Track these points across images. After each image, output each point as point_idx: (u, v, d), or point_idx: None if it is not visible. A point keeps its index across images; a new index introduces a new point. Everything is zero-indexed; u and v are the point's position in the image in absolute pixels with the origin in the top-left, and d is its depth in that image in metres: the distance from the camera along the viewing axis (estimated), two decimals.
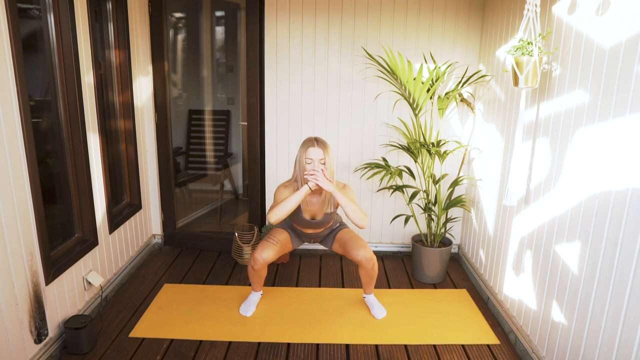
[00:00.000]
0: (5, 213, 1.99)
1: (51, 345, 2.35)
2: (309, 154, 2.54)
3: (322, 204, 2.69)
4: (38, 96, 2.59)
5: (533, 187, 2.41)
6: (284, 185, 2.66)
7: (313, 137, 2.60)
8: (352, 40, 3.41)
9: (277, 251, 2.70)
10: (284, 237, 2.79)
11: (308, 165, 2.55)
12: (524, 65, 2.13)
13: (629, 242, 1.67)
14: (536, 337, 2.36)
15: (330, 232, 2.85)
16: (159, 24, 3.43)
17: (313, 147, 2.55)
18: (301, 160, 2.58)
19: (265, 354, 2.47)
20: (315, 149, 2.54)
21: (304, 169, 2.56)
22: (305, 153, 2.56)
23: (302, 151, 2.59)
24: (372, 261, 2.66)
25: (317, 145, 2.55)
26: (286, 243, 2.80)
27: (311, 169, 2.53)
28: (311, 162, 2.54)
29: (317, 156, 2.54)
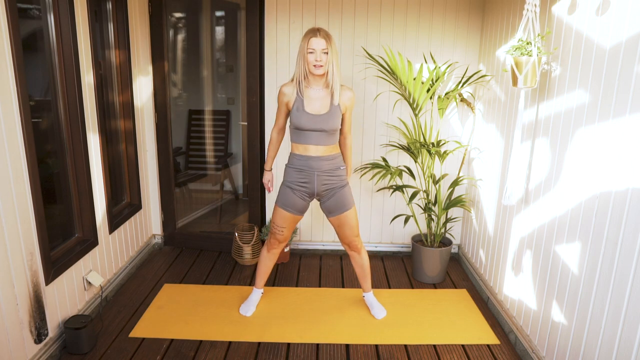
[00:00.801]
0: (5, 213, 1.99)
1: (51, 345, 2.35)
2: (311, 44, 2.38)
3: (326, 97, 2.51)
4: (38, 96, 2.59)
5: (533, 187, 2.41)
6: (286, 85, 2.54)
7: (316, 27, 2.43)
8: (352, 40, 3.41)
9: (287, 234, 2.72)
10: (286, 216, 2.65)
11: (310, 55, 2.40)
12: (523, 65, 2.13)
13: (629, 242, 1.67)
14: (536, 337, 2.36)
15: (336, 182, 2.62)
16: (159, 24, 3.43)
17: (315, 37, 2.38)
18: (303, 51, 2.42)
19: (265, 354, 2.47)
20: (317, 39, 2.38)
21: (307, 61, 2.42)
22: (307, 43, 2.39)
23: (303, 42, 2.41)
24: (359, 247, 2.74)
25: (320, 35, 2.38)
26: (291, 219, 2.67)
27: (314, 60, 2.40)
28: (313, 52, 2.39)
29: (319, 46, 2.38)
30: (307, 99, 2.50)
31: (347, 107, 2.56)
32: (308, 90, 2.51)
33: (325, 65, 2.42)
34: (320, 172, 2.57)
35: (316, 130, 2.50)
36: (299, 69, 2.47)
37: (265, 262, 2.82)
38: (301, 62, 2.45)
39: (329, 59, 2.42)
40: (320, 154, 2.55)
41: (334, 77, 2.46)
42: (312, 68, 2.42)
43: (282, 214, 2.65)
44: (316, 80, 2.49)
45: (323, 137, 2.52)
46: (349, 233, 2.67)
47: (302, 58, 2.44)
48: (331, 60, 2.42)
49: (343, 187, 2.63)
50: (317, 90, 2.51)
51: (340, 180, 2.63)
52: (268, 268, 2.85)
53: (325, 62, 2.41)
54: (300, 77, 2.49)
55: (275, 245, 2.76)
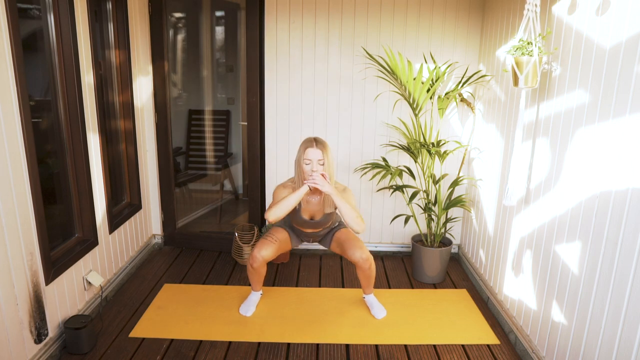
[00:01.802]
0: (5, 213, 1.99)
1: (51, 345, 2.35)
2: (308, 155, 2.53)
3: (321, 204, 2.68)
4: (38, 96, 2.59)
5: (533, 187, 2.41)
6: (283, 185, 2.66)
7: (312, 138, 2.57)
8: (352, 40, 3.41)
9: (275, 249, 2.69)
10: (283, 236, 2.79)
11: (306, 166, 2.53)
12: (523, 65, 2.13)
13: (629, 242, 1.67)
14: (536, 337, 2.36)
15: (329, 232, 2.84)
16: (159, 24, 3.43)
17: (312, 148, 2.52)
18: (300, 161, 2.57)
19: (265, 354, 2.47)
20: (313, 149, 2.52)
21: (303, 170, 2.55)
22: (303, 154, 2.54)
23: (300, 152, 2.57)
24: (369, 262, 2.66)
25: (316, 146, 2.52)
26: (285, 242, 2.80)
27: (310, 170, 2.52)
28: (310, 163, 2.53)
29: (315, 157, 2.52)
30: (304, 202, 2.69)
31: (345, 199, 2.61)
32: (305, 195, 2.64)
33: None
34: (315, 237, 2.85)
35: (311, 228, 2.76)
36: (297, 175, 2.61)
37: (253, 275, 2.79)
38: (298, 169, 2.59)
39: (325, 169, 2.53)
40: (317, 231, 2.80)
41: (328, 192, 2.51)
42: (308, 177, 2.53)
43: (282, 232, 2.80)
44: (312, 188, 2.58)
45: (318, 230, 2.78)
46: (354, 246, 2.66)
47: (299, 166, 2.58)
48: (327, 169, 2.54)
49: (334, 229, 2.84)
50: (313, 196, 2.68)
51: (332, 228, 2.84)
52: (260, 277, 2.82)
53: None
54: (299, 183, 2.60)
55: (258, 260, 2.64)
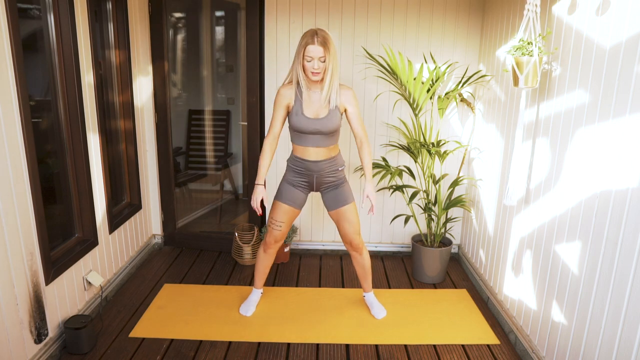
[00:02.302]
0: (5, 213, 1.99)
1: (51, 345, 2.35)
2: (308, 52, 2.30)
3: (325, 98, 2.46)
4: (38, 96, 2.59)
5: (533, 187, 2.41)
6: (284, 87, 2.50)
7: (314, 30, 2.32)
8: (352, 40, 3.41)
9: (285, 230, 2.69)
10: (286, 210, 2.65)
11: (308, 63, 2.33)
12: (524, 65, 2.13)
13: (629, 242, 1.67)
14: (536, 337, 2.36)
15: (335, 180, 2.64)
16: (159, 24, 3.43)
17: (312, 45, 2.29)
18: (299, 56, 2.35)
19: (265, 354, 2.47)
20: (315, 46, 2.29)
21: (304, 67, 2.37)
22: (304, 50, 2.32)
23: (300, 47, 2.34)
24: (360, 247, 2.70)
25: (317, 42, 2.29)
26: (291, 213, 2.68)
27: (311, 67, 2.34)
28: (311, 61, 2.32)
29: (317, 54, 2.30)
30: (305, 102, 2.48)
31: (346, 106, 2.52)
32: (307, 93, 2.47)
33: (322, 73, 2.37)
34: (319, 174, 2.60)
35: (315, 133, 2.49)
36: (296, 72, 2.42)
37: (262, 262, 2.82)
38: (299, 66, 2.39)
39: (326, 66, 2.36)
40: (320, 158, 2.56)
41: (332, 83, 2.41)
42: (310, 75, 2.38)
43: (282, 207, 2.64)
44: (314, 84, 2.46)
45: (322, 139, 2.52)
46: (348, 228, 2.65)
47: (299, 63, 2.38)
48: (328, 67, 2.36)
49: (342, 184, 2.65)
50: (315, 93, 2.48)
51: (339, 178, 2.65)
52: (266, 268, 2.84)
53: (323, 70, 2.36)
54: (298, 80, 2.46)
55: (272, 244, 2.74)
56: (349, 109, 2.54)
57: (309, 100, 2.48)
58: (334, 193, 2.64)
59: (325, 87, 2.42)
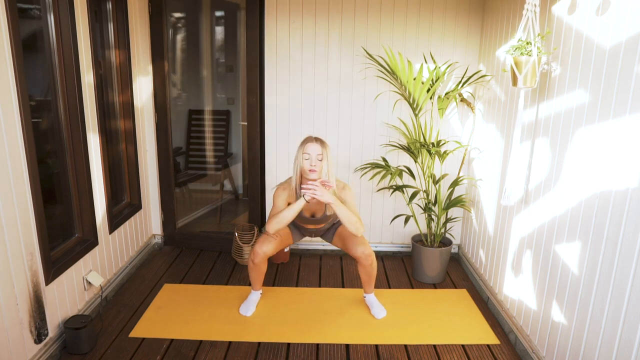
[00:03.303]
0: (5, 213, 1.99)
1: (51, 345, 2.35)
2: (307, 149, 2.54)
3: (322, 203, 2.68)
4: (38, 96, 2.59)
5: (533, 187, 2.41)
6: (282, 187, 2.66)
7: (312, 136, 2.60)
8: (352, 40, 3.41)
9: (277, 244, 2.71)
10: (284, 231, 2.80)
11: (306, 160, 2.54)
12: (522, 65, 2.13)
13: (629, 242, 1.67)
14: (536, 337, 2.36)
15: (331, 227, 2.86)
16: (159, 24, 3.43)
17: (311, 143, 2.54)
18: (299, 157, 2.57)
19: (265, 354, 2.47)
20: (313, 144, 2.54)
21: (302, 167, 2.56)
22: (303, 148, 2.56)
23: (300, 148, 2.58)
24: (371, 258, 2.68)
25: (316, 142, 2.55)
26: (286, 237, 2.82)
27: (309, 165, 2.52)
28: (309, 158, 2.53)
29: (314, 152, 2.53)
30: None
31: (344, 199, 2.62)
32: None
33: (319, 171, 2.54)
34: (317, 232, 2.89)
35: (312, 224, 2.79)
36: (296, 173, 2.62)
37: (253, 272, 2.79)
38: (297, 168, 2.60)
39: (323, 165, 2.55)
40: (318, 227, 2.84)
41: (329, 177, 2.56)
42: (307, 172, 2.55)
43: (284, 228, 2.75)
44: None
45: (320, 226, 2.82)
46: (354, 242, 2.67)
47: (297, 164, 2.60)
48: (325, 166, 2.55)
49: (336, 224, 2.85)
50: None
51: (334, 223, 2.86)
52: (259, 275, 2.83)
53: (320, 168, 2.54)
54: (297, 181, 2.62)
55: (260, 255, 2.66)
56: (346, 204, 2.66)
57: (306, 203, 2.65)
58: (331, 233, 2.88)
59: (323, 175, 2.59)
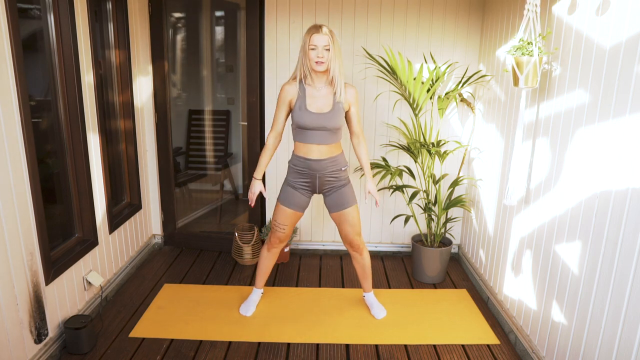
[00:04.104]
0: (5, 213, 1.99)
1: (51, 345, 2.35)
2: (313, 40, 2.35)
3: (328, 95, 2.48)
4: (38, 96, 2.59)
5: (533, 187, 2.41)
6: (288, 84, 2.50)
7: (318, 24, 2.40)
8: (352, 40, 3.41)
9: (288, 232, 2.70)
10: (289, 214, 2.65)
11: (312, 51, 2.36)
12: (524, 65, 2.13)
13: (629, 242, 1.67)
14: (536, 337, 2.36)
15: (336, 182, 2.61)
16: (159, 24, 3.43)
17: (317, 34, 2.35)
18: (305, 47, 2.39)
19: (265, 354, 2.47)
20: (319, 35, 2.34)
21: (309, 57, 2.39)
22: (309, 40, 2.36)
23: (305, 38, 2.38)
24: (360, 248, 2.71)
25: (322, 31, 2.35)
26: (294, 217, 2.67)
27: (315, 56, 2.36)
28: (315, 49, 2.36)
29: (321, 42, 2.35)
30: (309, 97, 2.47)
31: (350, 104, 2.53)
32: (310, 89, 2.48)
33: (327, 62, 2.38)
34: (321, 174, 2.57)
35: (319, 129, 2.48)
36: (301, 65, 2.44)
37: (265, 261, 2.82)
38: (303, 58, 2.41)
39: (331, 56, 2.38)
40: (322, 156, 2.53)
41: (337, 74, 2.42)
42: (313, 65, 2.38)
43: (285, 211, 2.64)
44: (318, 77, 2.46)
45: (325, 135, 2.50)
46: (349, 230, 2.66)
47: (304, 54, 2.40)
48: (333, 57, 2.38)
49: (344, 186, 2.63)
50: (319, 88, 2.48)
51: (342, 179, 2.63)
52: (268, 268, 2.85)
53: (327, 59, 2.37)
54: (302, 75, 2.46)
55: (276, 244, 2.74)
56: (352, 109, 2.56)
57: (312, 95, 2.48)
58: (336, 195, 2.62)
59: (331, 75, 2.43)
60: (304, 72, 2.45)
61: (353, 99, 2.53)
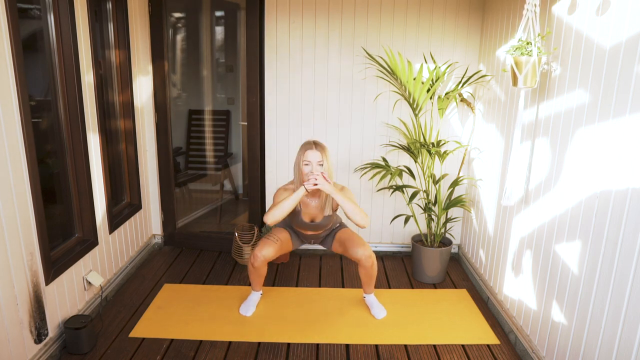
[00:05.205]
0: (5, 213, 1.99)
1: (51, 345, 2.35)
2: (307, 157, 2.57)
3: (321, 206, 2.70)
4: (38, 96, 2.59)
5: (533, 187, 2.41)
6: (284, 188, 2.68)
7: (311, 141, 2.62)
8: (352, 40, 3.41)
9: (277, 249, 2.70)
10: (284, 236, 2.80)
11: (306, 167, 2.57)
12: (522, 65, 2.13)
13: (629, 242, 1.67)
14: (536, 337, 2.36)
15: (330, 233, 2.86)
16: (159, 24, 3.43)
17: (311, 150, 2.57)
18: (299, 163, 2.60)
19: (265, 354, 2.47)
20: (313, 151, 2.56)
21: (302, 172, 2.58)
22: (303, 155, 2.58)
23: (300, 154, 2.61)
24: (371, 259, 2.67)
25: (315, 148, 2.57)
26: (286, 242, 2.81)
27: (309, 171, 2.56)
28: (309, 164, 2.57)
29: (315, 158, 2.56)
30: (303, 206, 2.71)
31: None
32: (305, 199, 2.70)
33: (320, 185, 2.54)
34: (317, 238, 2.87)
35: (311, 230, 2.79)
36: (297, 177, 2.64)
37: (253, 274, 2.79)
38: (298, 172, 2.61)
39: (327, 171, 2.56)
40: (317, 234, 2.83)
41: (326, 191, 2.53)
42: (307, 179, 2.54)
43: (283, 232, 2.82)
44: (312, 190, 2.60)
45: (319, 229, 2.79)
46: (354, 244, 2.67)
47: (298, 168, 2.61)
48: (326, 171, 2.56)
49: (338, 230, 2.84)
50: (313, 199, 2.70)
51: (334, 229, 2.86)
52: (260, 277, 2.83)
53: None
54: (297, 186, 2.62)
55: (260, 259, 2.64)
56: None
57: (306, 204, 2.71)
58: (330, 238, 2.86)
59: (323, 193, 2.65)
60: (299, 183, 2.61)
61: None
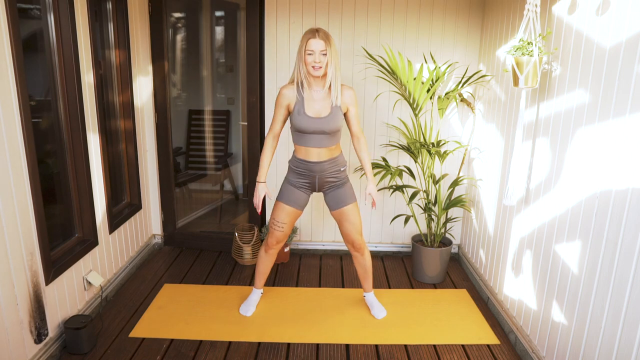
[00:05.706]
0: (5, 213, 1.99)
1: (51, 345, 2.35)
2: (310, 46, 2.34)
3: (326, 99, 2.48)
4: (38, 96, 2.58)
5: (533, 187, 2.41)
6: (286, 87, 2.50)
7: (315, 28, 2.40)
8: (352, 40, 3.41)
9: (286, 230, 2.68)
10: (288, 211, 2.64)
11: (309, 56, 2.36)
12: (524, 65, 2.13)
13: (629, 242, 1.67)
14: (536, 337, 2.36)
15: (337, 181, 2.63)
16: (159, 24, 3.43)
17: (314, 38, 2.34)
18: (301, 52, 2.39)
19: (265, 354, 2.47)
20: (316, 40, 2.33)
21: (305, 62, 2.38)
22: (305, 44, 2.36)
23: (302, 43, 2.38)
24: (362, 248, 2.70)
25: (318, 36, 2.34)
26: (293, 214, 2.66)
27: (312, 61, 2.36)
28: (312, 54, 2.35)
29: (318, 47, 2.34)
30: (307, 101, 2.47)
31: (348, 106, 2.53)
32: (308, 92, 2.47)
33: (324, 67, 2.39)
34: (321, 175, 2.59)
35: (318, 132, 2.48)
36: (298, 70, 2.44)
37: (263, 262, 2.82)
38: (300, 63, 2.42)
39: (328, 60, 2.39)
40: (322, 158, 2.55)
41: (334, 78, 2.43)
42: (310, 70, 2.38)
43: (285, 209, 2.64)
44: (316, 81, 2.46)
45: (324, 139, 2.51)
46: (350, 229, 2.65)
47: (300, 59, 2.41)
48: (330, 61, 2.38)
49: (344, 184, 2.64)
50: (317, 92, 2.48)
51: (341, 178, 2.64)
52: (267, 268, 2.84)
53: (324, 64, 2.38)
54: (299, 79, 2.46)
55: (274, 244, 2.73)
56: (351, 110, 2.56)
57: (310, 99, 2.47)
58: (336, 193, 2.63)
59: (328, 80, 2.43)
60: (301, 77, 2.45)
61: (351, 101, 2.52)
